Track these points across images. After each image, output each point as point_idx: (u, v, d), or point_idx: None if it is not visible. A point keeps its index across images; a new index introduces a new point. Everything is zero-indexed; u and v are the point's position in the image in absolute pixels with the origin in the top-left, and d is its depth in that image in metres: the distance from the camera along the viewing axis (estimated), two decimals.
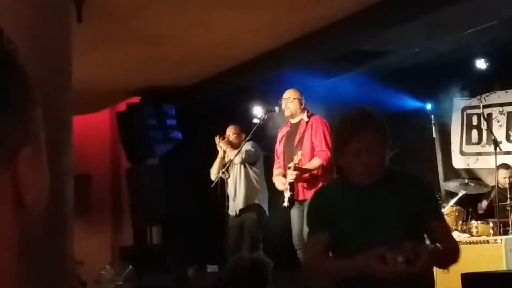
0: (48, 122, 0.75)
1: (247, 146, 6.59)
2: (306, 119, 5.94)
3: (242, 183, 6.56)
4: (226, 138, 6.72)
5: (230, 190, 6.54)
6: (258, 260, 2.61)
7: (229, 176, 6.51)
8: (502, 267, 5.86)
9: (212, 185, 6.54)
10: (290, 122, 6.08)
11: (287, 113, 6.02)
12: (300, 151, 5.70)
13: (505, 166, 7.05)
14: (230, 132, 6.84)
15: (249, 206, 6.55)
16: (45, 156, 0.73)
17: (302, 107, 6.02)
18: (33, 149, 0.69)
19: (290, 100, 6.01)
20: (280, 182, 5.84)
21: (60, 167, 2.14)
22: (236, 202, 6.55)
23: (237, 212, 6.54)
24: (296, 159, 5.66)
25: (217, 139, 6.73)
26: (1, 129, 0.65)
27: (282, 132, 6.14)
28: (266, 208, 6.61)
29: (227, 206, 6.44)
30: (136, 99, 8.87)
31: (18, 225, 0.68)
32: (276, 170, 6.02)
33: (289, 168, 5.72)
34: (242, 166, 6.59)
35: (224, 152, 6.62)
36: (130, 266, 7.48)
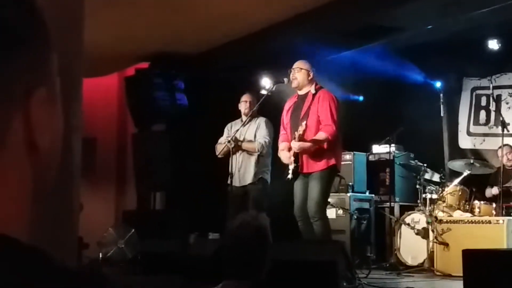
0: (59, 77, 0.75)
1: (263, 133, 6.54)
2: (314, 92, 5.87)
3: (253, 160, 6.54)
4: (235, 143, 6.44)
5: (237, 160, 6.51)
6: (257, 222, 2.62)
7: (234, 146, 6.48)
8: (503, 247, 5.89)
9: (218, 154, 6.54)
10: (298, 94, 6.03)
11: (294, 83, 5.95)
12: (305, 122, 5.67)
13: (505, 145, 7.07)
14: (246, 99, 6.73)
15: (256, 180, 6.55)
16: (59, 102, 0.72)
17: (310, 78, 5.93)
18: (48, 92, 0.69)
19: (297, 70, 5.93)
20: (285, 156, 5.82)
21: (69, 123, 2.15)
22: (242, 175, 6.53)
23: (242, 185, 6.53)
24: (300, 129, 5.64)
25: (227, 145, 6.51)
26: (15, 68, 0.65)
27: (289, 103, 6.10)
28: (269, 180, 6.62)
29: (231, 175, 6.41)
30: (145, 65, 8.85)
31: (31, 169, 0.68)
32: (281, 144, 5.98)
33: (294, 139, 5.71)
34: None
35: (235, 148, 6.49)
36: (133, 230, 7.53)
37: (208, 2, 6.62)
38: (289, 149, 5.81)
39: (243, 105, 6.73)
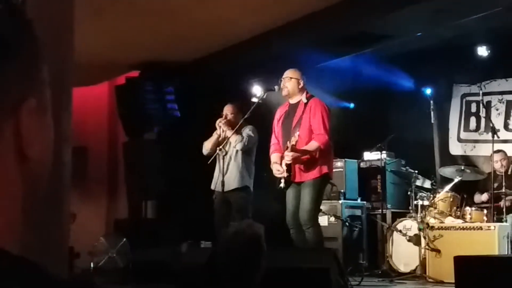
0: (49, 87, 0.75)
1: (248, 131, 6.50)
2: (305, 101, 5.87)
3: (237, 165, 6.49)
4: (226, 119, 6.53)
5: (222, 166, 6.47)
6: (252, 230, 2.61)
7: (225, 153, 6.47)
8: (495, 253, 5.90)
9: (209, 161, 6.53)
10: (289, 102, 6.03)
11: (284, 92, 5.95)
12: (298, 133, 5.67)
13: (499, 150, 7.10)
14: (228, 111, 6.65)
15: (240, 187, 6.50)
16: (49, 112, 0.72)
17: (300, 87, 5.93)
18: (38, 103, 0.68)
19: (287, 80, 5.94)
20: (277, 170, 5.80)
21: (59, 133, 2.14)
22: (227, 181, 6.47)
23: (226, 190, 6.47)
24: (293, 140, 5.64)
25: (219, 120, 6.57)
26: (6, 78, 0.65)
27: (280, 112, 6.09)
28: (252, 188, 6.58)
29: (219, 182, 6.38)
30: (135, 73, 8.84)
31: (21, 179, 0.67)
32: (273, 156, 5.95)
33: (287, 148, 5.71)
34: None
35: (223, 131, 6.50)
36: (124, 239, 7.51)
37: (199, 11, 6.62)
38: (281, 161, 5.80)
39: (229, 117, 6.61)
